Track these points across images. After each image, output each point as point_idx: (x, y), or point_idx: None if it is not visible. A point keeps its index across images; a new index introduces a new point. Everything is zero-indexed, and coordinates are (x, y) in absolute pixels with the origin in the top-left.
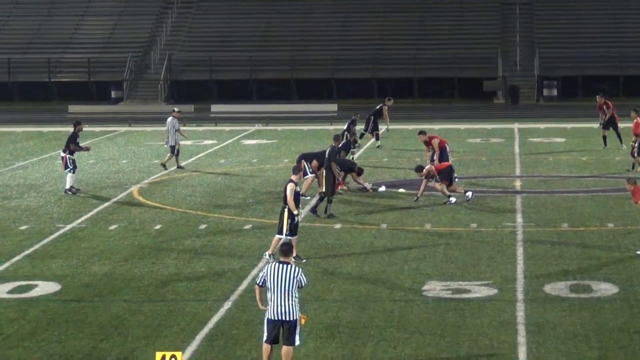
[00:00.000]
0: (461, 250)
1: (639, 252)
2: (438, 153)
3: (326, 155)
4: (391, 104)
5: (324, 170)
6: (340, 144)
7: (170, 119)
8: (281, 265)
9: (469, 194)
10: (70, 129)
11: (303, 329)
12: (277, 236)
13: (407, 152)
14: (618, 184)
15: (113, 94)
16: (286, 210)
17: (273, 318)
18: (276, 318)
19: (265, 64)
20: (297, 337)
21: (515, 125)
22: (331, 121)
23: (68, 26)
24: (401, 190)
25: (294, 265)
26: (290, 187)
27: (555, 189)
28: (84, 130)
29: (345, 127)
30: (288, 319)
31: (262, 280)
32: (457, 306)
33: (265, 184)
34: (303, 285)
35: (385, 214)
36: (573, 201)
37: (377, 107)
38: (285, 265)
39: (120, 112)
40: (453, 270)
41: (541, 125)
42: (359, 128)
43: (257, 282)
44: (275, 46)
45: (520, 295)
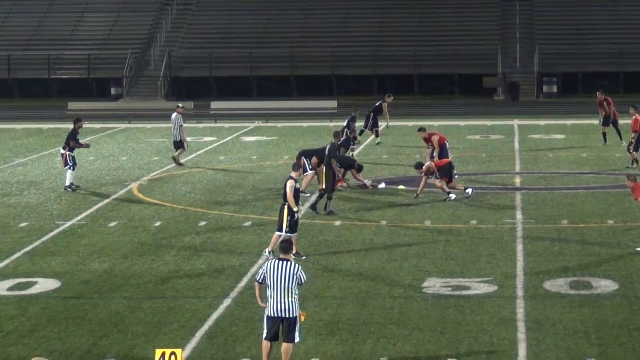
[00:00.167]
0: (461, 247)
1: (638, 249)
2: (438, 150)
3: (326, 152)
4: (391, 100)
5: (323, 167)
6: (340, 141)
7: (174, 114)
8: (281, 262)
9: (469, 190)
10: (70, 126)
11: (303, 326)
12: (277, 233)
13: (407, 149)
14: (618, 180)
15: (113, 91)
16: (286, 207)
17: (273, 315)
18: (276, 315)
19: (265, 61)
20: (297, 334)
21: (515, 122)
22: (331, 118)
23: (68, 23)
24: (401, 186)
25: (293, 262)
26: (290, 184)
27: (555, 185)
28: (83, 127)
29: (345, 124)
30: (288, 316)
31: (262, 277)
32: (457, 303)
33: (265, 180)
34: (303, 282)
35: (385, 210)
36: (573, 198)
37: (377, 104)
38: (284, 262)
39: (120, 109)
40: (453, 267)
41: (541, 122)
42: (358, 125)
43: (257, 279)
44: (275, 43)
45: (520, 292)
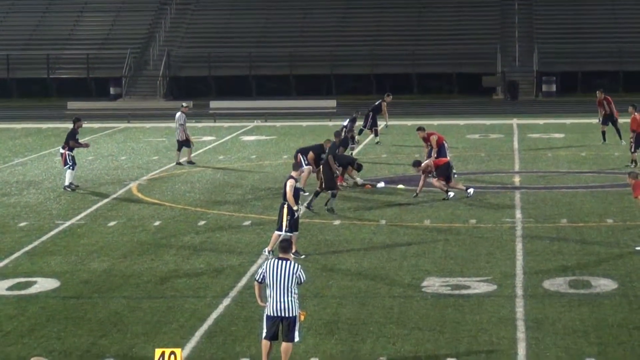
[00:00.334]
0: (460, 246)
1: (638, 248)
2: (436, 149)
3: (326, 150)
4: (390, 99)
5: (322, 166)
6: (340, 140)
7: (178, 114)
8: (280, 261)
9: (470, 190)
10: (69, 126)
11: (302, 325)
12: (277, 232)
13: (406, 148)
14: (617, 179)
15: (112, 90)
16: (285, 206)
17: (272, 314)
18: (275, 314)
19: (264, 60)
20: (297, 334)
21: (514, 121)
22: (330, 117)
23: (67, 22)
24: (400, 186)
25: (293, 262)
26: (290, 184)
27: (554, 184)
28: (83, 126)
29: (345, 123)
30: (287, 315)
31: (262, 277)
32: (457, 302)
33: (264, 180)
34: (302, 281)
35: (384, 210)
36: (572, 197)
37: (376, 103)
38: (284, 262)
39: (119, 109)
40: (452, 266)
41: (540, 121)
42: (357, 124)
43: (256, 279)
44: (274, 42)
45: (519, 291)
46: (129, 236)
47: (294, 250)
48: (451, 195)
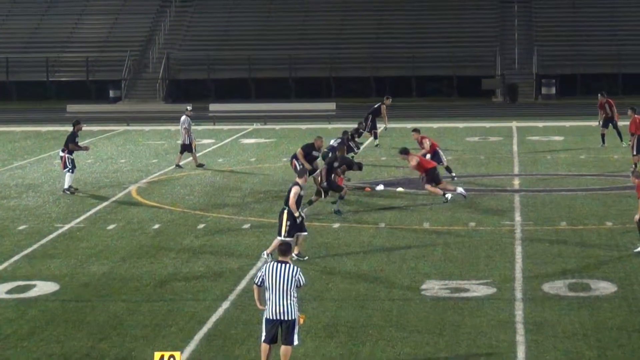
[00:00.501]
0: (460, 249)
1: (637, 250)
2: (430, 152)
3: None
4: (389, 102)
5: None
6: (343, 151)
7: (183, 117)
8: (279, 264)
9: (460, 189)
10: (69, 128)
11: (301, 329)
12: (278, 238)
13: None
14: (616, 182)
15: (111, 93)
16: (285, 212)
17: (271, 317)
18: (274, 318)
19: (264, 63)
20: (296, 337)
21: (514, 124)
22: (329, 120)
23: (66, 25)
24: (399, 189)
25: (292, 265)
26: (294, 190)
27: (553, 187)
28: (82, 129)
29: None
30: (286, 318)
31: (261, 280)
32: (456, 305)
33: (264, 183)
34: (302, 284)
35: (384, 213)
36: (571, 200)
37: (376, 106)
38: (283, 265)
39: (118, 112)
40: (451, 269)
41: (539, 124)
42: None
43: (256, 282)
44: (274, 45)
45: (518, 294)
46: (128, 239)
47: (296, 252)
48: (449, 196)
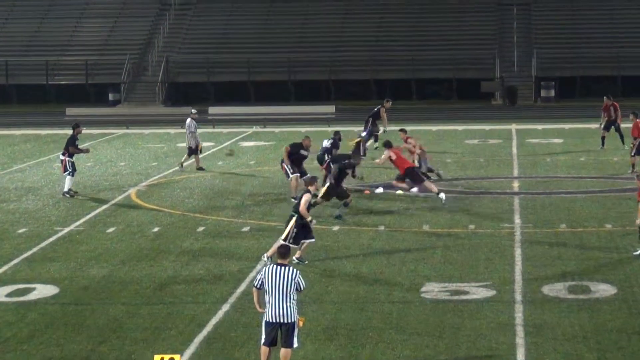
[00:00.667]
0: (459, 252)
1: (636, 253)
2: (413, 153)
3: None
4: (389, 105)
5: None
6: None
7: (188, 120)
8: (278, 267)
9: (442, 195)
10: (68, 132)
11: (301, 331)
12: (280, 242)
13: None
14: (616, 184)
15: (111, 97)
16: (294, 219)
17: (271, 320)
18: (274, 320)
19: (263, 66)
20: (295, 339)
21: (513, 126)
22: (329, 123)
23: (66, 28)
24: (399, 192)
25: (291, 267)
26: (306, 197)
27: (553, 189)
28: (82, 132)
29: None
30: (286, 321)
31: (260, 283)
32: (456, 308)
33: (263, 185)
34: (302, 288)
35: (383, 215)
36: (571, 202)
37: (376, 109)
38: (282, 267)
39: (117, 115)
40: (451, 272)
41: (539, 126)
42: (358, 129)
43: (255, 285)
44: (273, 48)
45: (518, 297)
46: (127, 242)
47: (297, 256)
48: (443, 196)
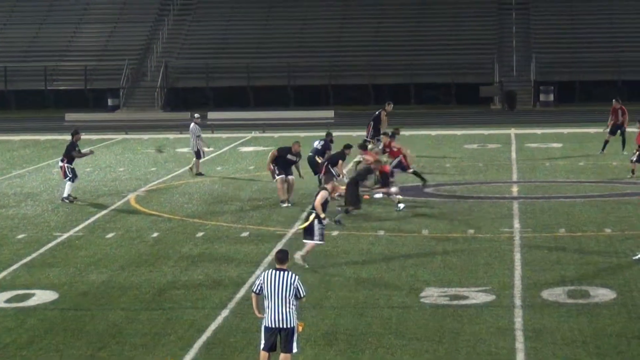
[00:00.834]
0: (459, 257)
1: (635, 258)
2: (394, 157)
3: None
4: (390, 108)
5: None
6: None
7: (192, 125)
8: (277, 272)
9: (401, 205)
10: (67, 137)
11: (300, 336)
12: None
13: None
14: (615, 188)
15: (110, 102)
16: (312, 215)
17: (270, 325)
18: (273, 325)
19: (262, 71)
20: (295, 345)
21: (512, 131)
22: (328, 127)
23: (65, 34)
24: (398, 196)
25: (290, 272)
26: (322, 194)
27: (552, 194)
28: (81, 139)
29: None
30: (285, 326)
31: (259, 288)
32: (455, 312)
33: (263, 191)
34: (302, 295)
35: (383, 220)
36: (570, 206)
37: (376, 113)
38: (281, 272)
39: (116, 120)
40: (450, 277)
41: (538, 131)
42: (361, 134)
43: (254, 290)
44: (272, 53)
45: (518, 301)
46: (127, 248)
47: (302, 254)
48: (402, 206)
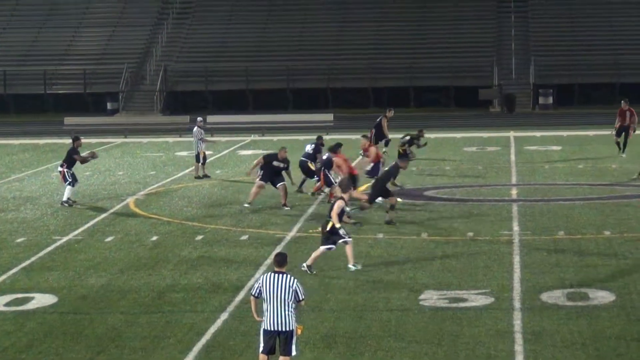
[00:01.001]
0: (458, 259)
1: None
2: (371, 163)
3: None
4: (391, 114)
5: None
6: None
7: (195, 128)
8: (276, 275)
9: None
10: (67, 141)
11: (299, 339)
12: (322, 247)
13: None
14: (614, 191)
15: (109, 106)
16: (330, 223)
17: (269, 329)
18: (272, 329)
19: (261, 74)
20: (294, 348)
21: (511, 134)
22: (327, 131)
23: (64, 38)
24: (398, 199)
25: (289, 275)
26: (339, 203)
27: (551, 197)
28: (81, 145)
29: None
30: (284, 329)
31: (258, 291)
32: (454, 315)
33: (262, 194)
34: (301, 297)
35: (382, 223)
36: (569, 209)
37: (378, 120)
38: (280, 276)
39: (116, 124)
40: (450, 279)
41: (537, 133)
42: (358, 137)
43: (252, 293)
44: (271, 56)
45: (517, 304)
46: (126, 251)
47: (308, 263)
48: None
